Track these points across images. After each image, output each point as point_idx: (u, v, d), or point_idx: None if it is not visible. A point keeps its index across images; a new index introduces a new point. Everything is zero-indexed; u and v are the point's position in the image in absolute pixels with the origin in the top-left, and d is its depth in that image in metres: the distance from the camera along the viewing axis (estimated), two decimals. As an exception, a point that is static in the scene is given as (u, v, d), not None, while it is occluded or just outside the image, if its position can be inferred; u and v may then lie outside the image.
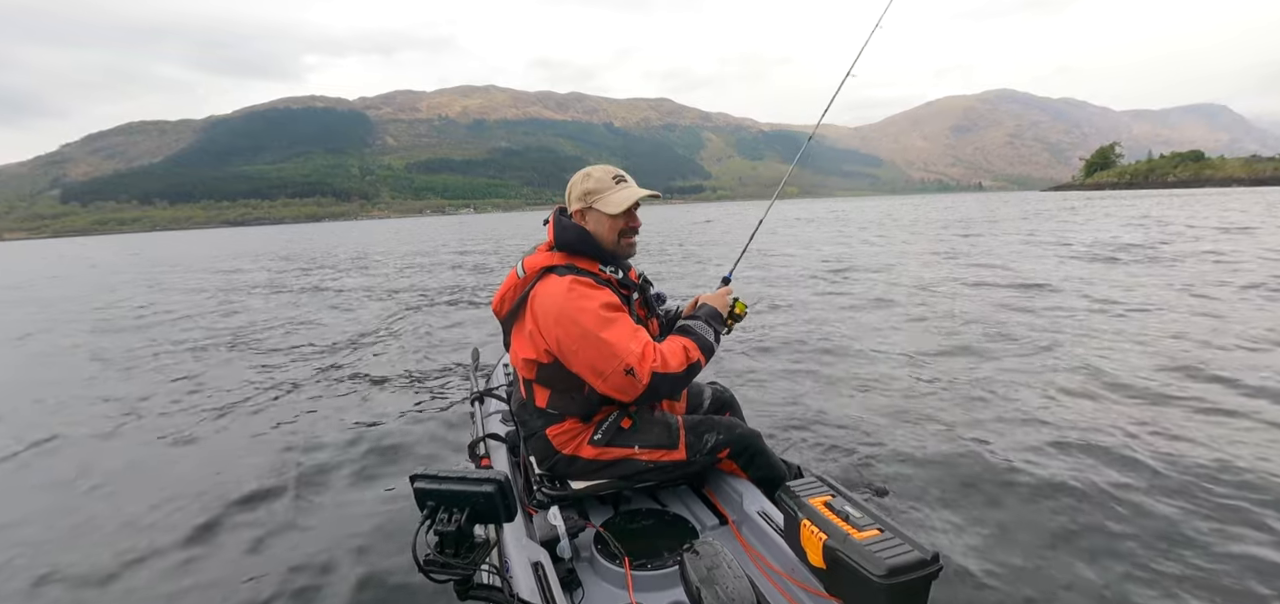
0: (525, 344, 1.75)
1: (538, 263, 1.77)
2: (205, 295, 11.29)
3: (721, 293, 1.94)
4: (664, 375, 1.61)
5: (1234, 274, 7.81)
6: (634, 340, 1.62)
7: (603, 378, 1.63)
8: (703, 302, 1.90)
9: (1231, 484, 2.51)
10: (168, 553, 2.40)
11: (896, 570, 1.11)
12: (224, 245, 39.04)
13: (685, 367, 1.66)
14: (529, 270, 1.78)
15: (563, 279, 1.67)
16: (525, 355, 1.76)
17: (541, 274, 1.74)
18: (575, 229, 1.76)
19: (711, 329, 1.80)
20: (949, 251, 12.73)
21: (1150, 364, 4.17)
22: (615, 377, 1.61)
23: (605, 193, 1.74)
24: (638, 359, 1.59)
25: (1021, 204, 41.85)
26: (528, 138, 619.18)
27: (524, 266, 1.80)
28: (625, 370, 1.59)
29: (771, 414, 3.54)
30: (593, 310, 1.62)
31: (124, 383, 5.09)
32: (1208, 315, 5.58)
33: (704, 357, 1.73)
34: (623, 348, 1.60)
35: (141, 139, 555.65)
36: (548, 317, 1.66)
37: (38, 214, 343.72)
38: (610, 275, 1.77)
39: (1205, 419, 3.20)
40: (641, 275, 1.94)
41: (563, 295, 1.64)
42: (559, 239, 1.77)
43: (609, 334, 1.61)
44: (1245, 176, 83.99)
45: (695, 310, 1.89)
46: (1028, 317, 5.88)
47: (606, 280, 1.74)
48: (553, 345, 1.67)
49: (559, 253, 1.76)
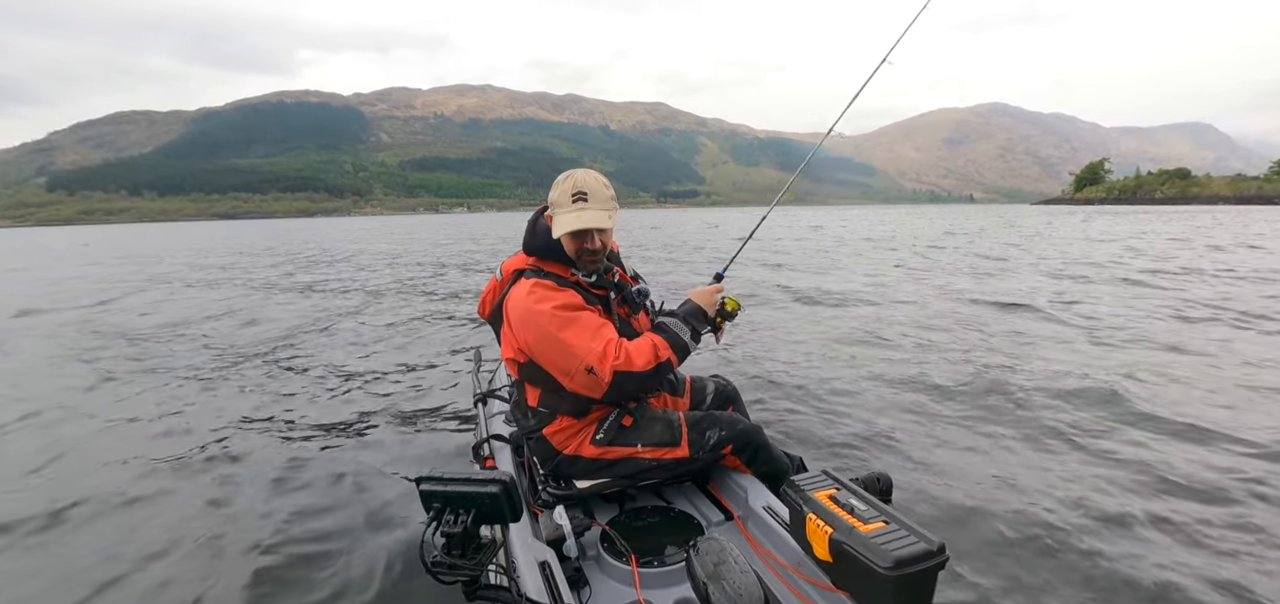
0: (507, 345, 1.80)
1: (511, 266, 1.84)
2: (193, 289, 11.17)
3: (711, 289, 1.90)
4: (628, 373, 1.61)
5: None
6: (595, 339, 1.63)
7: (569, 377, 1.67)
8: (688, 298, 1.88)
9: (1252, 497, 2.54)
10: (168, 553, 2.38)
11: (903, 562, 1.11)
12: (215, 239, 38.57)
13: (652, 365, 1.65)
14: (505, 273, 1.85)
15: (525, 283, 1.73)
16: (509, 356, 1.81)
17: (514, 278, 1.81)
18: (544, 232, 1.76)
19: (689, 327, 1.78)
20: (955, 252, 12.84)
21: (1158, 362, 4.23)
22: (579, 376, 1.64)
23: (559, 211, 1.69)
24: (598, 358, 1.60)
25: (1021, 218, 41.94)
26: (523, 138, 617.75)
27: (501, 270, 1.88)
28: (586, 369, 1.62)
29: (774, 408, 3.56)
30: (548, 312, 1.65)
31: (120, 386, 5.03)
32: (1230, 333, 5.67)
33: (676, 355, 1.71)
34: (582, 347, 1.62)
35: (131, 129, 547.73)
36: (515, 318, 1.72)
37: (22, 202, 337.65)
38: (581, 278, 1.78)
39: (1226, 428, 3.18)
40: (634, 274, 1.96)
41: (523, 298, 1.69)
42: (527, 244, 1.82)
43: (567, 334, 1.63)
44: (1230, 194, 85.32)
45: (678, 308, 1.88)
46: (1029, 315, 5.95)
47: (574, 283, 1.76)
48: (524, 346, 1.72)
49: (530, 256, 1.81)
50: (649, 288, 1.99)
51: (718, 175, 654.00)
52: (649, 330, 1.79)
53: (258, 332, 6.82)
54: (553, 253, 1.77)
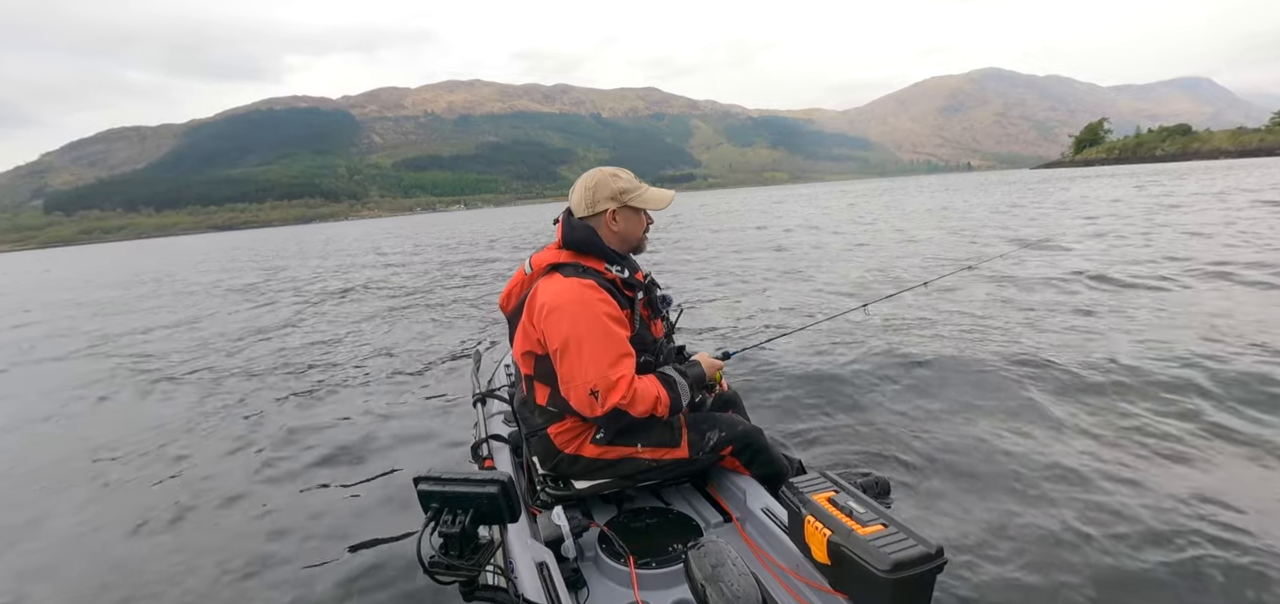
0: (525, 340, 1.77)
1: (545, 260, 1.80)
2: (195, 298, 11.18)
3: (715, 364, 1.97)
4: (625, 413, 1.65)
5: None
6: (613, 367, 1.63)
7: (569, 385, 1.66)
8: (698, 362, 1.93)
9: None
10: (168, 554, 2.39)
11: (901, 565, 1.11)
12: (215, 251, 38.60)
13: (648, 415, 1.69)
14: (536, 267, 1.81)
15: (570, 279, 1.70)
16: (525, 350, 1.78)
17: (547, 271, 1.78)
18: (584, 228, 1.78)
19: (691, 395, 1.83)
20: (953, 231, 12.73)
21: (1166, 354, 4.16)
22: (579, 390, 1.64)
23: (642, 190, 1.81)
24: (607, 386, 1.62)
25: (1050, 184, 40.59)
26: (515, 131, 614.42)
27: (531, 263, 1.84)
28: (590, 390, 1.62)
29: (773, 410, 3.55)
30: (598, 309, 1.65)
31: (120, 387, 5.05)
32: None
33: (670, 414, 1.76)
34: (597, 367, 1.62)
35: (122, 146, 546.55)
36: (544, 310, 1.68)
37: (21, 226, 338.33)
38: (615, 275, 1.78)
39: (1230, 422, 3.07)
40: (648, 275, 1.95)
41: (571, 288, 1.67)
42: (567, 238, 1.79)
43: (592, 344, 1.62)
44: (1232, 148, 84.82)
45: (687, 366, 1.90)
46: (1030, 314, 5.91)
47: (610, 281, 1.75)
48: (544, 337, 1.70)
49: (567, 251, 1.79)
50: (672, 295, 2.02)
51: (713, 157, 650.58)
52: (656, 377, 1.76)
53: (259, 330, 6.85)
54: (595, 247, 1.78)
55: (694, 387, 1.85)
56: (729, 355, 2.21)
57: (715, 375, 1.97)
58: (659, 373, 1.78)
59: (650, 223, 1.88)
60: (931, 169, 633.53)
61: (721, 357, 2.11)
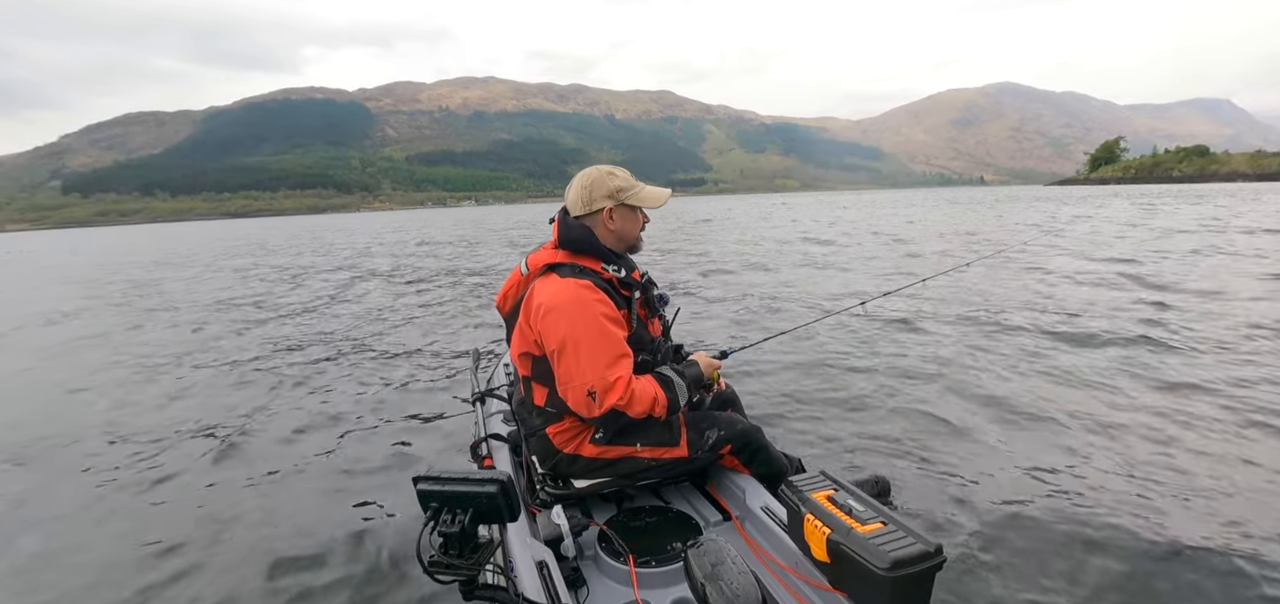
0: (523, 340, 1.77)
1: (541, 260, 1.80)
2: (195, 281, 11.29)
3: (713, 363, 1.96)
4: (622, 413, 1.64)
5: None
6: (610, 367, 1.63)
7: (566, 386, 1.66)
8: (695, 362, 1.92)
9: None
10: (168, 555, 2.40)
11: (900, 563, 1.11)
12: (230, 237, 38.98)
13: (645, 415, 1.68)
14: (532, 267, 1.81)
15: (566, 279, 1.69)
16: (522, 351, 1.78)
17: (544, 271, 1.77)
18: (580, 227, 1.78)
19: (689, 394, 1.83)
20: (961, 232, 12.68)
21: (1168, 357, 4.15)
22: (576, 391, 1.64)
23: (639, 189, 1.81)
24: (604, 388, 1.61)
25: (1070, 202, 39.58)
26: (529, 129, 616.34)
27: (528, 263, 1.83)
28: (587, 391, 1.62)
29: (772, 409, 3.54)
30: (595, 309, 1.64)
31: (119, 381, 5.11)
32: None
33: (667, 414, 1.75)
34: (594, 368, 1.61)
35: (140, 130, 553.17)
36: (541, 311, 1.68)
37: (38, 205, 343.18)
38: (612, 275, 1.77)
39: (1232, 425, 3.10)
40: (644, 274, 1.95)
41: (567, 288, 1.66)
42: (563, 237, 1.78)
43: (589, 345, 1.62)
44: (1250, 171, 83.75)
45: (685, 366, 1.89)
46: (1032, 313, 5.87)
47: (607, 281, 1.75)
48: (541, 338, 1.70)
49: (563, 250, 1.78)
50: (669, 295, 2.02)
51: (724, 162, 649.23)
52: (654, 377, 1.76)
53: (257, 328, 6.91)
54: (591, 246, 1.77)
55: (692, 386, 1.85)
56: (727, 354, 2.21)
57: (713, 374, 1.96)
58: (656, 373, 1.78)
59: (646, 221, 1.87)
60: (944, 182, 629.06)
61: (719, 355, 2.10)
